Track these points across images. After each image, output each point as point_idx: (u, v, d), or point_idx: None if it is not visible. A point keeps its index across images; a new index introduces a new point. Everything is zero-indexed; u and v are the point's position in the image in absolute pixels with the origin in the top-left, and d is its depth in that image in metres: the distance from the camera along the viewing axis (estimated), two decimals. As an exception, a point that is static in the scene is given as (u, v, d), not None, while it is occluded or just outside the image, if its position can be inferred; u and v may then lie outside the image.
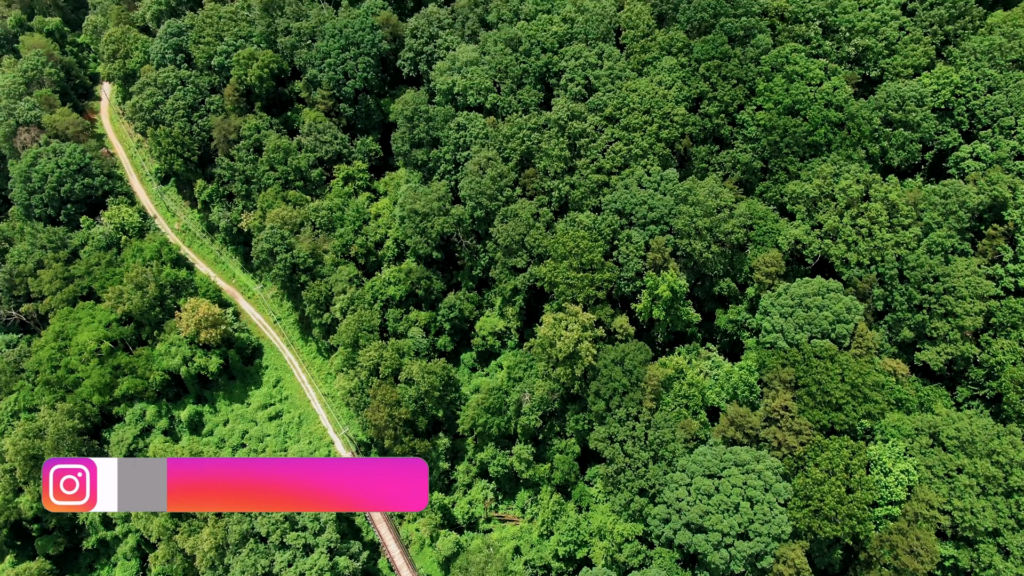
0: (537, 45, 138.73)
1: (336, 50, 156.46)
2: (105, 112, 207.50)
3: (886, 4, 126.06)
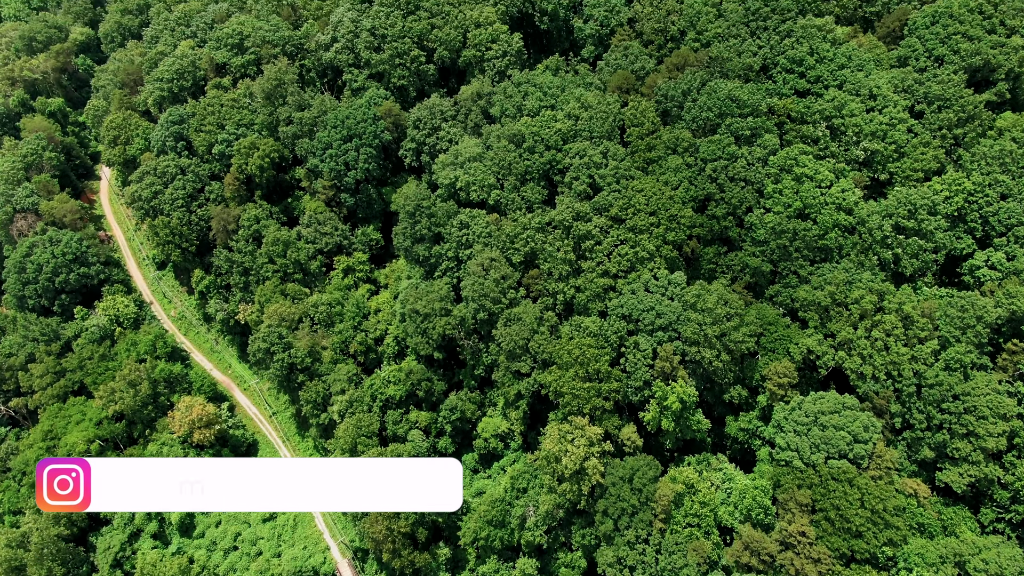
0: (541, 142, 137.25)
1: (338, 141, 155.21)
2: (105, 192, 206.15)
3: (893, 107, 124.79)
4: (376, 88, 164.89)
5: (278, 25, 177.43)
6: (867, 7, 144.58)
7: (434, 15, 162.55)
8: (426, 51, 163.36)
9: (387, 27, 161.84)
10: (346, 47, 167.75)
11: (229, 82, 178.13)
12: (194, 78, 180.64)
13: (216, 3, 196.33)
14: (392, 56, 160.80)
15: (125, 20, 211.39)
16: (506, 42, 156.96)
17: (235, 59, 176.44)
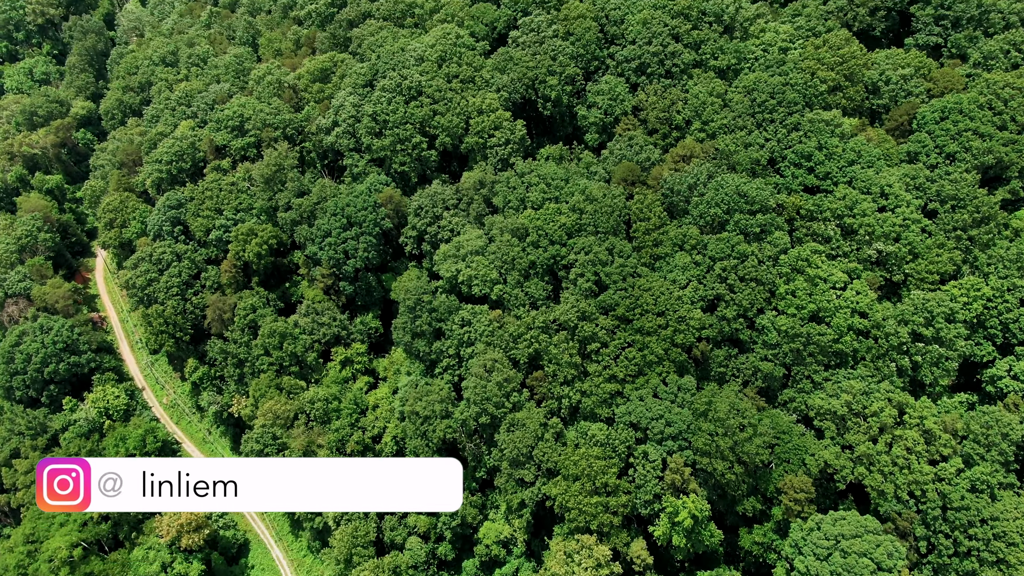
0: (545, 237, 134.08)
1: (337, 229, 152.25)
2: (100, 271, 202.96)
3: (906, 207, 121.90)
4: (377, 173, 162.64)
5: (279, 108, 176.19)
6: (874, 99, 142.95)
7: (436, 101, 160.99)
8: (428, 136, 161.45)
9: (388, 113, 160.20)
10: (347, 131, 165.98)
11: (228, 164, 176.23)
12: (193, 159, 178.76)
13: (218, 83, 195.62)
14: (393, 142, 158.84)
15: (126, 97, 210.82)
16: (509, 129, 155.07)
17: (235, 141, 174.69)
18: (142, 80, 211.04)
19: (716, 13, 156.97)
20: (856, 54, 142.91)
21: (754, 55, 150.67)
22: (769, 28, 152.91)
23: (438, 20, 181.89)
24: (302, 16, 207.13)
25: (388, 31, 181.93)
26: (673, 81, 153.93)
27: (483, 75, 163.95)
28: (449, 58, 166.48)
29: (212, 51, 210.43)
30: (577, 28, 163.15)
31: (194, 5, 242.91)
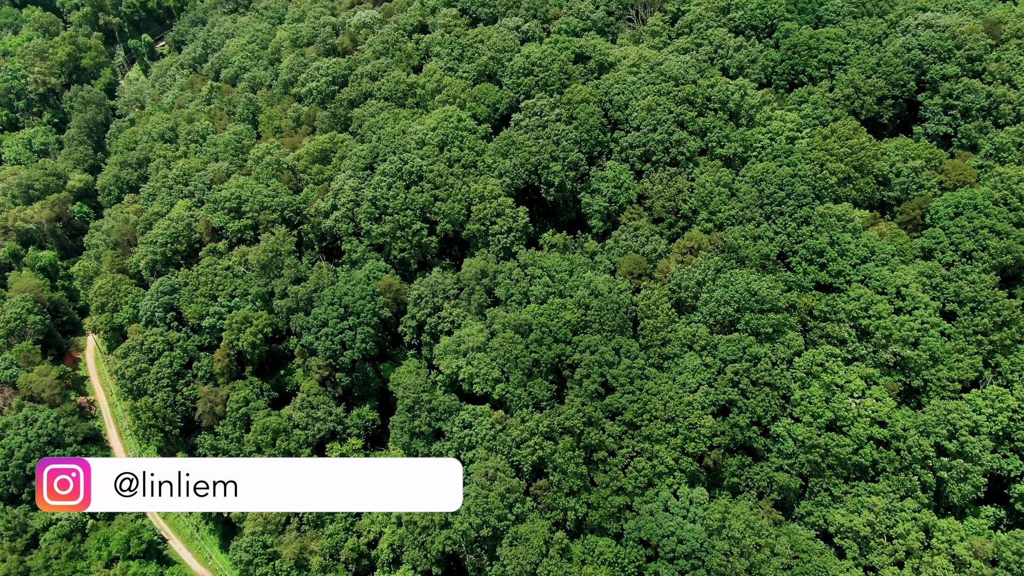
0: (549, 334, 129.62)
1: (334, 319, 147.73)
2: (91, 351, 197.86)
3: (924, 309, 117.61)
4: (376, 259, 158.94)
5: (277, 190, 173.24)
6: (885, 191, 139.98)
7: (437, 186, 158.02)
8: (428, 222, 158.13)
9: (389, 198, 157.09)
10: (346, 216, 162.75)
11: (225, 247, 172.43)
12: (189, 241, 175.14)
13: (216, 161, 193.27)
14: (393, 228, 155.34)
15: (124, 173, 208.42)
16: (511, 217, 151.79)
17: (232, 223, 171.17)
18: (140, 156, 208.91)
19: (721, 100, 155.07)
20: (865, 145, 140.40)
21: (761, 143, 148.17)
22: (776, 116, 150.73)
23: (440, 101, 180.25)
24: (303, 93, 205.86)
25: (389, 112, 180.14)
26: (679, 169, 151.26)
27: (485, 159, 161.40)
28: (451, 142, 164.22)
29: (212, 127, 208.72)
30: (580, 113, 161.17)
31: (195, 79, 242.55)
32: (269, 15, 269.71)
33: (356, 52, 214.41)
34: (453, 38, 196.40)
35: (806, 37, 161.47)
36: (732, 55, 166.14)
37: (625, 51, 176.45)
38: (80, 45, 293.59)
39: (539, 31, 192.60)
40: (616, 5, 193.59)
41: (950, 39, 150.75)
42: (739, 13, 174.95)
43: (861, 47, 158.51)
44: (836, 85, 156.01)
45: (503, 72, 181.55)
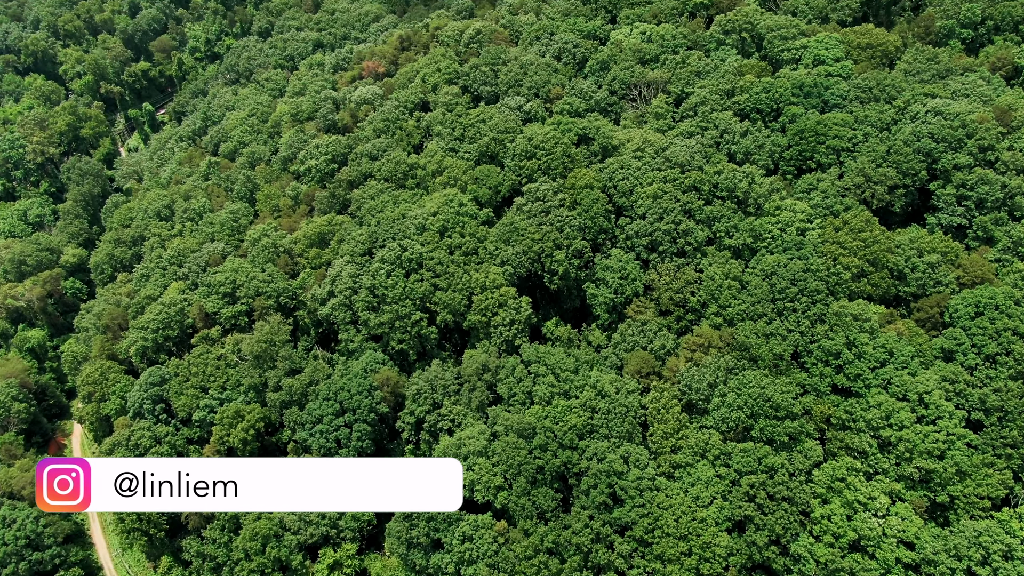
0: (554, 439, 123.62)
1: (329, 415, 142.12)
2: (78, 436, 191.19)
3: (948, 419, 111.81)
4: (374, 350, 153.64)
5: (273, 275, 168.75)
6: (901, 286, 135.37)
7: (437, 275, 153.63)
8: (428, 312, 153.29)
9: (387, 287, 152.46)
10: (343, 304, 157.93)
11: (218, 333, 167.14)
12: (181, 326, 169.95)
13: (212, 241, 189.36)
14: (392, 319, 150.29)
15: (118, 252, 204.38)
16: (514, 309, 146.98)
17: (226, 309, 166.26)
18: (135, 234, 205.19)
19: (728, 188, 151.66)
20: (879, 238, 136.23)
21: (770, 234, 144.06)
22: (785, 205, 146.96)
23: (440, 183, 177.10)
24: (301, 171, 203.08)
25: (389, 194, 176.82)
26: (686, 259, 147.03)
27: (487, 246, 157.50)
28: (451, 227, 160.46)
29: (209, 205, 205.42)
30: (584, 198, 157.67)
31: (194, 152, 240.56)
32: (270, 87, 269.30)
33: (356, 129, 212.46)
34: (454, 117, 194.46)
35: (813, 123, 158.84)
36: (739, 140, 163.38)
37: (629, 134, 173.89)
38: (80, 115, 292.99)
39: (541, 111, 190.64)
40: (619, 85, 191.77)
41: (960, 128, 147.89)
42: (744, 96, 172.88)
43: (870, 134, 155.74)
44: (846, 173, 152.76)
45: (505, 153, 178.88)
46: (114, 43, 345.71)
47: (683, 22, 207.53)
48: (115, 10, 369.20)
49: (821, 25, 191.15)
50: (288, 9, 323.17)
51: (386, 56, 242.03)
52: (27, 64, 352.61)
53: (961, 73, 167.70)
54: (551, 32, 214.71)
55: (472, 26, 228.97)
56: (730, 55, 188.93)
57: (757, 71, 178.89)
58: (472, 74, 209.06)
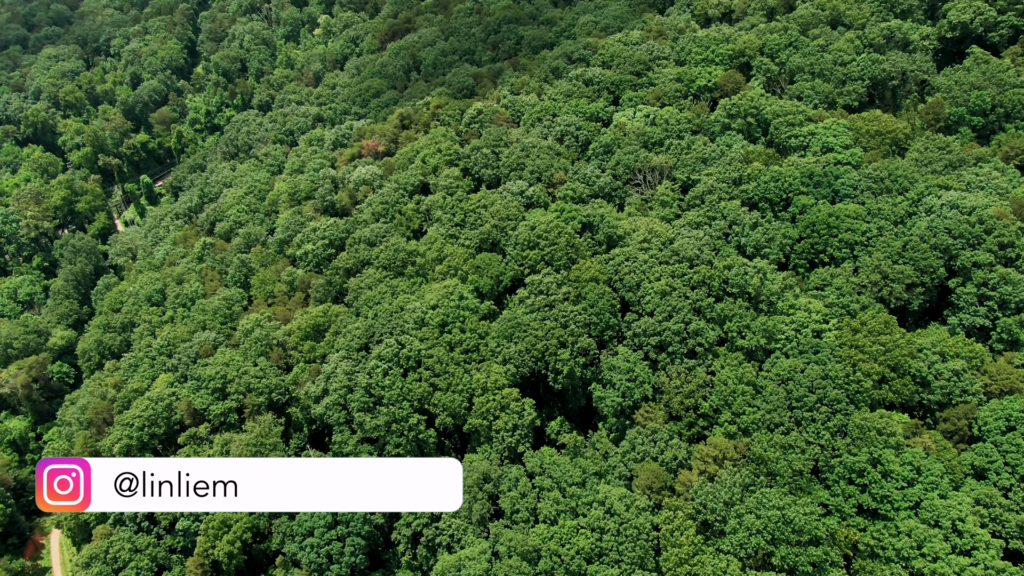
0: (560, 565, 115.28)
1: (321, 528, 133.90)
2: (56, 535, 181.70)
3: (985, 551, 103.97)
4: (369, 454, 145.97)
5: (265, 370, 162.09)
6: (925, 394, 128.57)
7: (437, 374, 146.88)
8: (426, 414, 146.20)
9: (384, 387, 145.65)
10: (338, 403, 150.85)
11: (206, 431, 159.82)
12: (168, 424, 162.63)
13: (204, 330, 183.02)
14: (388, 422, 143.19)
15: (106, 338, 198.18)
16: (516, 413, 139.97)
17: (215, 406, 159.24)
18: (125, 320, 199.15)
19: (739, 284, 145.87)
20: (900, 342, 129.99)
21: (785, 335, 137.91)
22: (799, 304, 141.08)
23: (440, 272, 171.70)
24: (298, 255, 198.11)
25: (387, 284, 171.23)
26: (697, 361, 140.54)
27: (488, 343, 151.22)
28: (451, 322, 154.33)
29: (202, 290, 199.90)
30: (589, 293, 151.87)
31: (189, 232, 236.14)
32: (269, 162, 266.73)
33: (355, 211, 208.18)
34: (455, 201, 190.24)
35: (825, 215, 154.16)
36: (748, 233, 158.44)
37: (635, 223, 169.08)
38: (76, 189, 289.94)
39: (544, 196, 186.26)
40: (623, 170, 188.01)
41: (978, 223, 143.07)
42: (752, 185, 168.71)
43: (884, 227, 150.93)
44: (860, 268, 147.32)
45: (506, 241, 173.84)
46: (114, 114, 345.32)
47: (687, 105, 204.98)
48: (117, 81, 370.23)
49: (828, 110, 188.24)
50: (289, 83, 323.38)
51: (386, 135, 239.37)
52: (26, 135, 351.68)
53: (974, 163, 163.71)
54: (553, 114, 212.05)
55: (473, 106, 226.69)
56: (736, 140, 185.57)
57: (765, 159, 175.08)
58: (473, 156, 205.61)
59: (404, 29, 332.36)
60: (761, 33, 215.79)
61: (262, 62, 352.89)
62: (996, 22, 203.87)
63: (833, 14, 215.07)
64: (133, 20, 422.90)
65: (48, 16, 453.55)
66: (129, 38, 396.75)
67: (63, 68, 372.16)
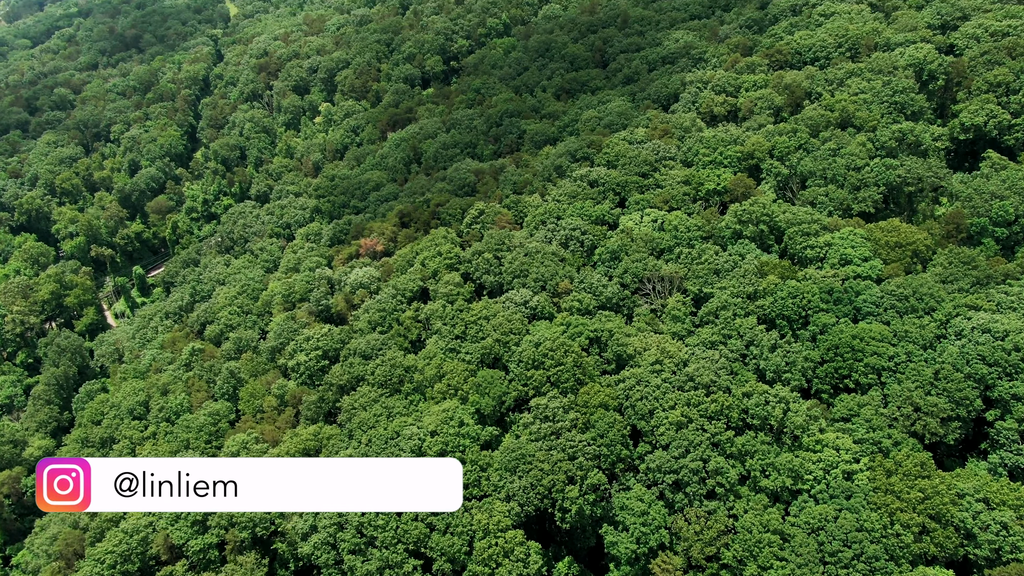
0: None
1: None
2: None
3: None
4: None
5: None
6: (971, 547, 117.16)
7: (434, 512, 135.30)
8: (422, 559, 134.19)
9: (377, 527, 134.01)
10: (327, 542, 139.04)
11: (183, 568, 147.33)
12: (143, 560, 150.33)
13: (187, 448, 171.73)
14: (381, 567, 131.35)
15: (84, 455, 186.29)
16: (521, 560, 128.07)
17: (195, 540, 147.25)
18: (104, 434, 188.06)
19: (761, 416, 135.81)
20: (940, 488, 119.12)
21: (812, 475, 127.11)
22: (827, 440, 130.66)
23: (439, 391, 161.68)
24: (290, 366, 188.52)
25: (382, 405, 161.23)
26: (718, 503, 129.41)
27: (490, 476, 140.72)
28: (451, 452, 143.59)
29: (188, 401, 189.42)
30: (599, 421, 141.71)
31: (178, 334, 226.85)
32: (264, 258, 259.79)
33: (351, 316, 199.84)
34: (455, 311, 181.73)
35: (848, 337, 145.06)
36: (767, 356, 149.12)
37: (645, 341, 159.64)
38: (66, 282, 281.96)
39: (549, 306, 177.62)
40: (631, 278, 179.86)
41: (1014, 350, 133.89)
42: (768, 300, 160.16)
43: (912, 352, 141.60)
44: (890, 398, 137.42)
45: (510, 356, 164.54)
46: (110, 202, 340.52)
47: (696, 209, 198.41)
48: (115, 168, 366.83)
49: (844, 219, 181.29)
50: (288, 172, 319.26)
51: (385, 233, 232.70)
52: (20, 222, 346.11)
53: (1002, 280, 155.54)
54: (557, 216, 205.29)
55: (475, 205, 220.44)
56: (749, 249, 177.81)
57: (780, 271, 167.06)
58: (475, 260, 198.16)
59: (405, 119, 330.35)
60: (770, 135, 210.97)
61: (261, 150, 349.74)
62: (1010, 125, 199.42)
63: (842, 115, 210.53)
64: (135, 105, 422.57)
65: (51, 100, 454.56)
66: (129, 124, 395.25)
67: (61, 154, 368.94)
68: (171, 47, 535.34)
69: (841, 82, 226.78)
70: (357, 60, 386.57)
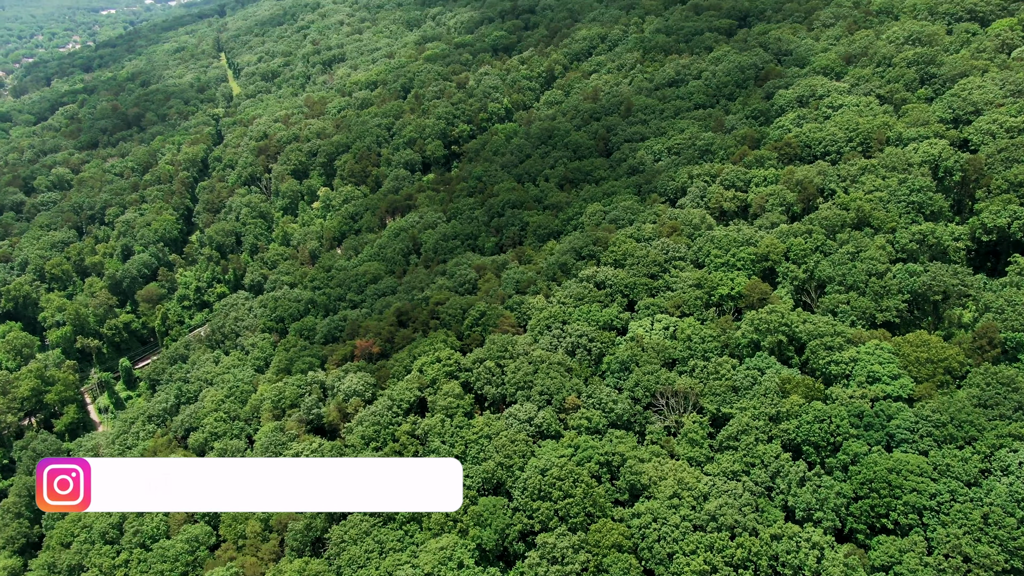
0: None
1: None
2: None
3: None
4: None
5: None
6: None
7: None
8: None
9: None
10: None
11: None
12: None
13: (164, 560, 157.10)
14: None
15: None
16: None
17: None
18: (73, 560, 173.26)
19: (793, 566, 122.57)
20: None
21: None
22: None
23: (436, 522, 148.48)
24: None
25: (373, 539, 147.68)
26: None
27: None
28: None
29: (164, 525, 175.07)
30: (612, 566, 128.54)
31: (159, 442, 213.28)
32: (255, 355, 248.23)
33: (343, 428, 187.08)
34: (454, 428, 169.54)
35: (884, 471, 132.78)
36: (796, 491, 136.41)
37: (660, 468, 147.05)
38: (47, 378, 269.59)
39: (555, 423, 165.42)
40: (642, 392, 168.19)
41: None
42: (792, 424, 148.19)
43: (956, 491, 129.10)
44: (934, 544, 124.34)
45: (513, 482, 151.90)
46: (100, 289, 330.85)
47: (709, 316, 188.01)
48: (107, 252, 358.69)
49: (867, 329, 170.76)
50: (283, 261, 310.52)
51: (381, 333, 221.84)
52: (6, 309, 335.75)
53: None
54: (563, 321, 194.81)
55: (476, 306, 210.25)
56: (768, 363, 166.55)
57: (803, 390, 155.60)
58: (476, 370, 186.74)
59: (405, 206, 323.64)
60: (784, 235, 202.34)
61: (257, 236, 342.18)
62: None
63: (858, 215, 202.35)
64: (132, 187, 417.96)
65: (48, 180, 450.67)
66: (125, 207, 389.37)
67: (53, 238, 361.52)
68: (172, 126, 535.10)
69: (855, 178, 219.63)
70: (357, 144, 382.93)
